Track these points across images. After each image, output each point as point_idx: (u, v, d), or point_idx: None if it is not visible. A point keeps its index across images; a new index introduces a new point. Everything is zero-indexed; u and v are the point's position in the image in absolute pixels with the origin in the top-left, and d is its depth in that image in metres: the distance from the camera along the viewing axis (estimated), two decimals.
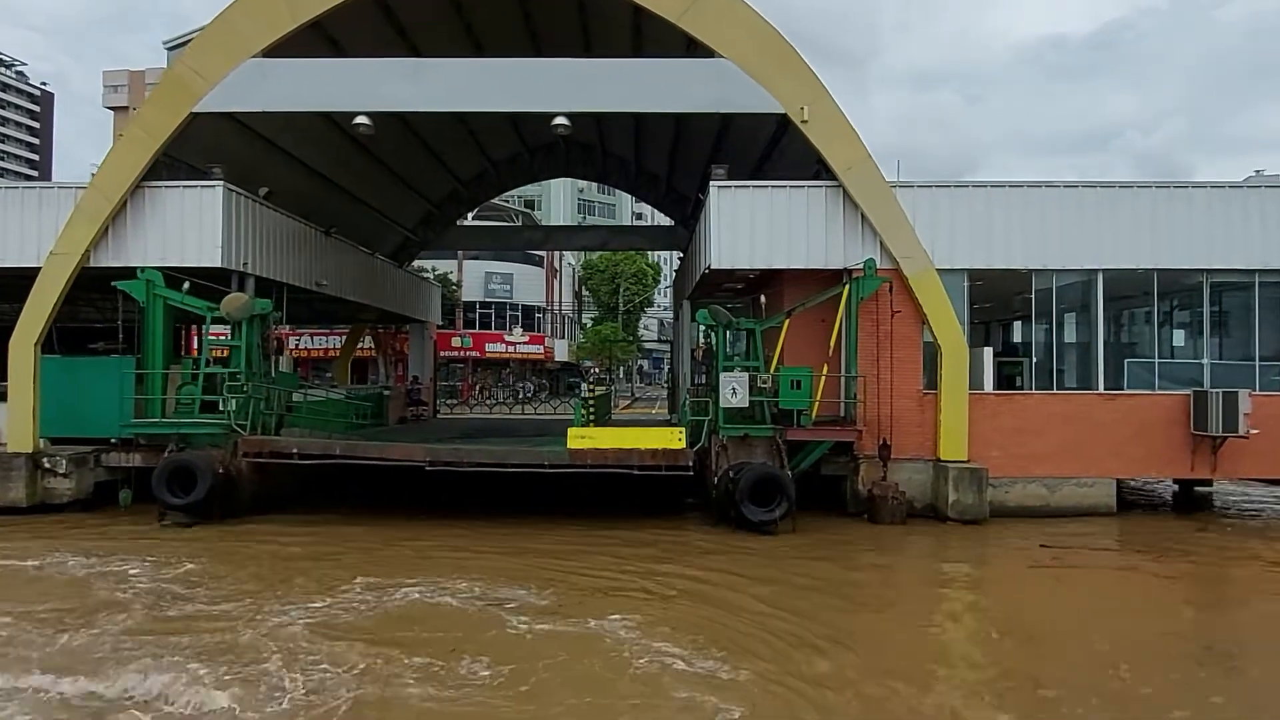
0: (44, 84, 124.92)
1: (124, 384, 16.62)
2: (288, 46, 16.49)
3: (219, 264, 16.81)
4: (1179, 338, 18.07)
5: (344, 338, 36.23)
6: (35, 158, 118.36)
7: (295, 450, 15.49)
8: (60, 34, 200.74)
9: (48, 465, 16.48)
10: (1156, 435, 16.58)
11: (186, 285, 16.35)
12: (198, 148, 17.67)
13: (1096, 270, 16.80)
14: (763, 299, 17.25)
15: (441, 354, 46.58)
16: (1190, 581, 12.15)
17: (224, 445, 15.91)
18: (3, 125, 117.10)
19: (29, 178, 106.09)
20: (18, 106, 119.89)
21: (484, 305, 52.74)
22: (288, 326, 44.65)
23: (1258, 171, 17.35)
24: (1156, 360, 17.16)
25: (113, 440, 16.96)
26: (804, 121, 16.00)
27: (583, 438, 15.37)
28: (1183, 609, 10.83)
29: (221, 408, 16.12)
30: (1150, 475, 17.84)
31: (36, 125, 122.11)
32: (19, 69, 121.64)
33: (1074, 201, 16.71)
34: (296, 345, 47.21)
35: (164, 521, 15.15)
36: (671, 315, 42.01)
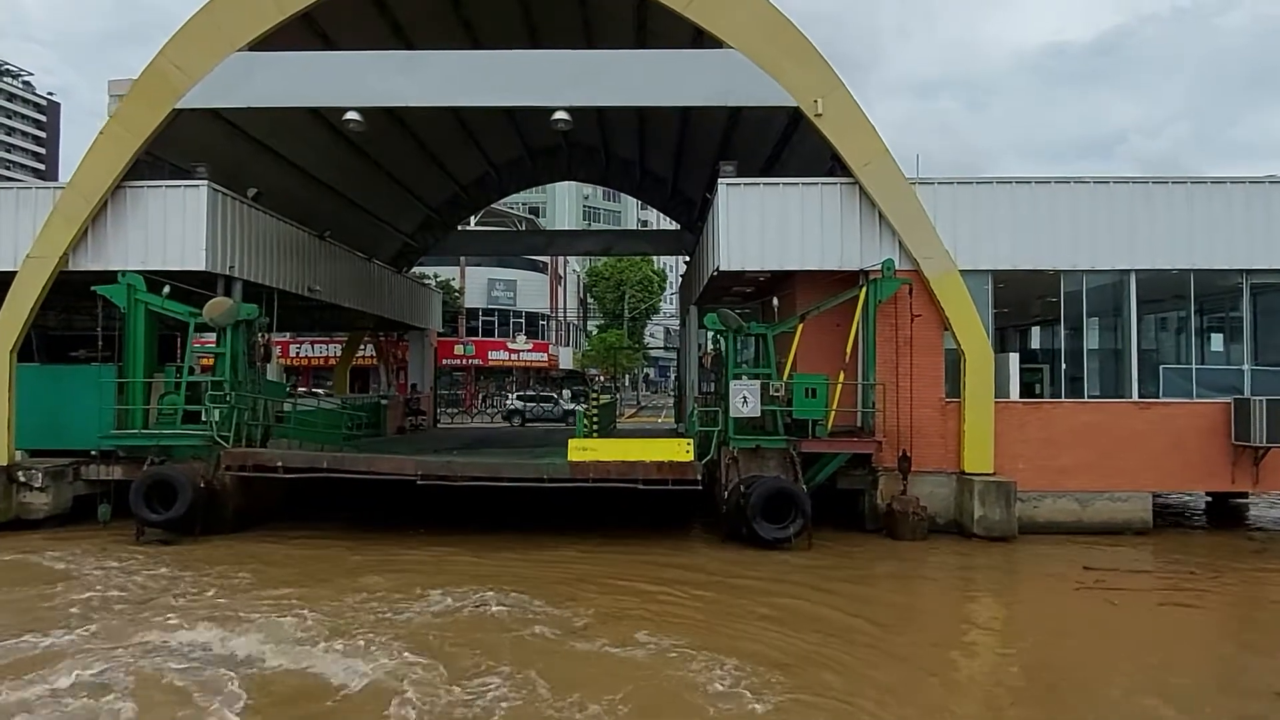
0: (50, 94, 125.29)
1: (103, 393, 15.81)
2: (275, 40, 15.76)
3: (203, 267, 16.04)
4: (1217, 342, 17.07)
5: (344, 346, 35.49)
6: (41, 167, 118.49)
7: (280, 463, 14.65)
8: (68, 48, 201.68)
9: (23, 479, 15.66)
10: (1194, 446, 15.60)
11: (166, 289, 15.58)
12: (182, 146, 16.92)
13: (1129, 271, 15.87)
14: (775, 302, 16.37)
15: (444, 362, 45.86)
16: (1261, 611, 11.14)
17: (206, 458, 15.11)
18: (9, 135, 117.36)
19: None
20: (24, 116, 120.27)
21: (487, 312, 52.04)
22: (288, 334, 44.14)
23: (1269, 176, 16.38)
24: (1194, 366, 16.19)
25: (93, 452, 16.14)
26: (817, 115, 15.16)
27: (584, 450, 14.48)
28: (1259, 646, 9.67)
29: (204, 418, 15.31)
30: (1188, 489, 16.92)
31: (43, 135, 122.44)
32: (25, 79, 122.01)
33: (1105, 198, 15.80)
34: (296, 353, 46.59)
35: (142, 538, 14.33)
36: (678, 322, 41.17)
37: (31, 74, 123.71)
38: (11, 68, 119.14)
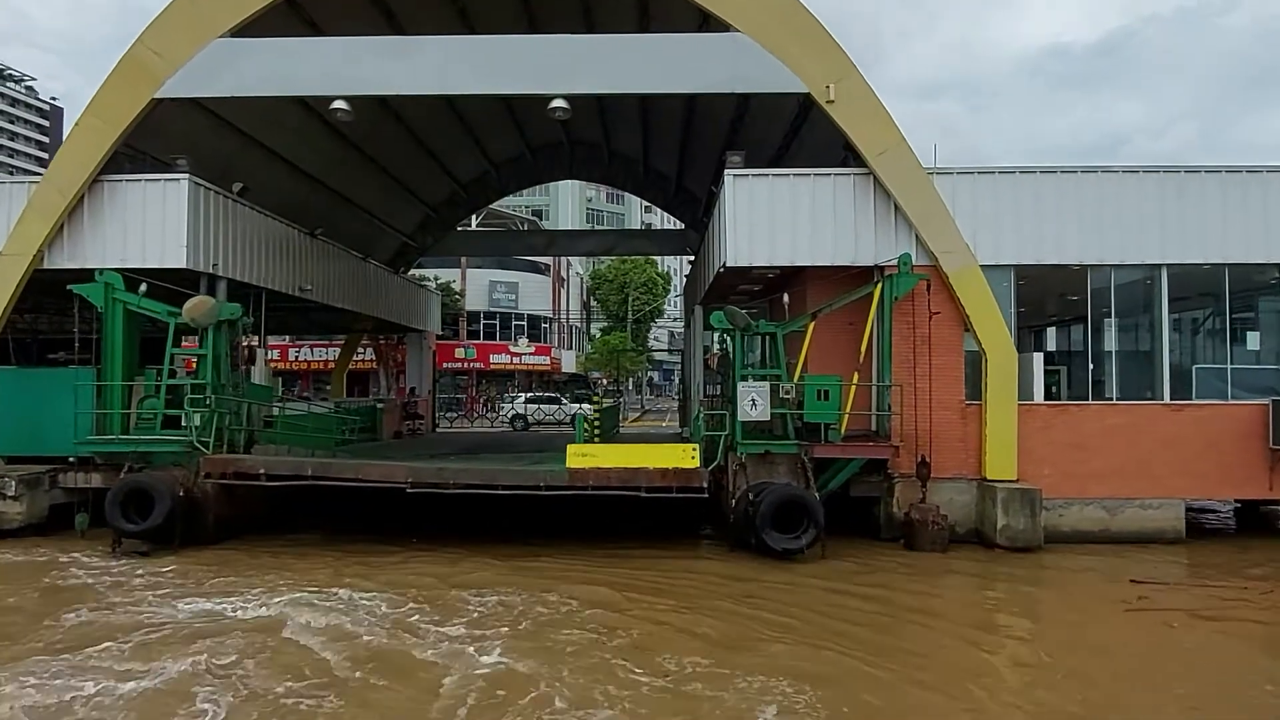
0: (53, 98, 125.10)
1: (80, 397, 15.05)
2: (260, 27, 15.05)
3: (184, 265, 15.31)
4: (1252, 340, 16.21)
5: (341, 349, 34.77)
6: (44, 171, 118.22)
7: (262, 470, 13.87)
8: (72, 54, 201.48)
9: None
10: (1229, 451, 14.74)
11: (143, 287, 14.83)
12: (165, 139, 16.23)
13: (1160, 265, 15.03)
14: (786, 299, 15.56)
15: (445, 365, 45.13)
16: None
17: (187, 464, 14.35)
18: (12, 139, 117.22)
19: None
20: (26, 121, 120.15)
21: (488, 315, 51.31)
22: (286, 338, 43.45)
23: None
24: (1229, 366, 15.33)
25: (71, 459, 15.40)
26: (830, 102, 14.38)
27: (584, 455, 13.70)
28: None
29: (184, 423, 14.54)
30: (1222, 496, 16.05)
31: (46, 140, 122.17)
32: (28, 84, 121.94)
33: (1134, 189, 14.96)
34: (295, 357, 45.93)
35: (118, 548, 13.57)
36: (682, 325, 40.38)
37: (35, 79, 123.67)
38: (14, 72, 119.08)
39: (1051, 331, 26.29)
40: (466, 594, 10.91)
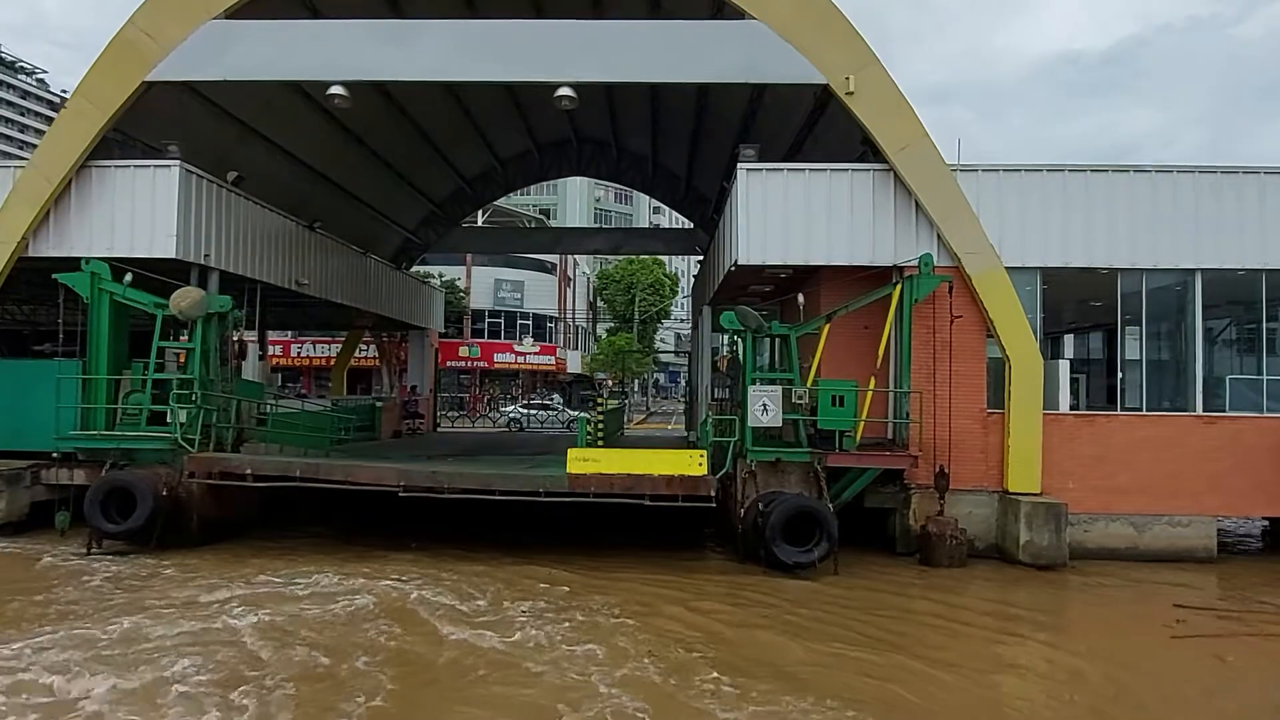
0: (63, 92, 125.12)
1: (63, 391, 14.47)
2: (256, 9, 14.45)
3: (173, 255, 14.72)
4: None
5: (342, 345, 34.22)
6: None
7: (249, 470, 13.26)
8: (86, 50, 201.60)
9: None
10: (1263, 465, 14.03)
11: (128, 278, 14.25)
12: (158, 126, 15.64)
13: (1194, 270, 14.31)
14: (801, 299, 14.88)
15: (448, 364, 44.60)
16: None
17: (172, 462, 13.75)
18: (22, 132, 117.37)
19: None
20: (37, 114, 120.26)
21: (493, 314, 50.72)
22: (289, 334, 42.96)
23: None
24: (1265, 377, 14.60)
25: (54, 455, 14.81)
26: (849, 93, 13.71)
27: (585, 461, 13.03)
28: None
29: (169, 419, 13.94)
30: (1256, 514, 15.31)
31: None
32: (39, 77, 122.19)
33: (1168, 190, 14.24)
34: (298, 353, 45.47)
35: (95, 549, 13.00)
36: (689, 326, 39.69)
37: (46, 71, 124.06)
38: (26, 65, 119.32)
39: (1069, 339, 25.63)
40: (495, 593, 10.84)
